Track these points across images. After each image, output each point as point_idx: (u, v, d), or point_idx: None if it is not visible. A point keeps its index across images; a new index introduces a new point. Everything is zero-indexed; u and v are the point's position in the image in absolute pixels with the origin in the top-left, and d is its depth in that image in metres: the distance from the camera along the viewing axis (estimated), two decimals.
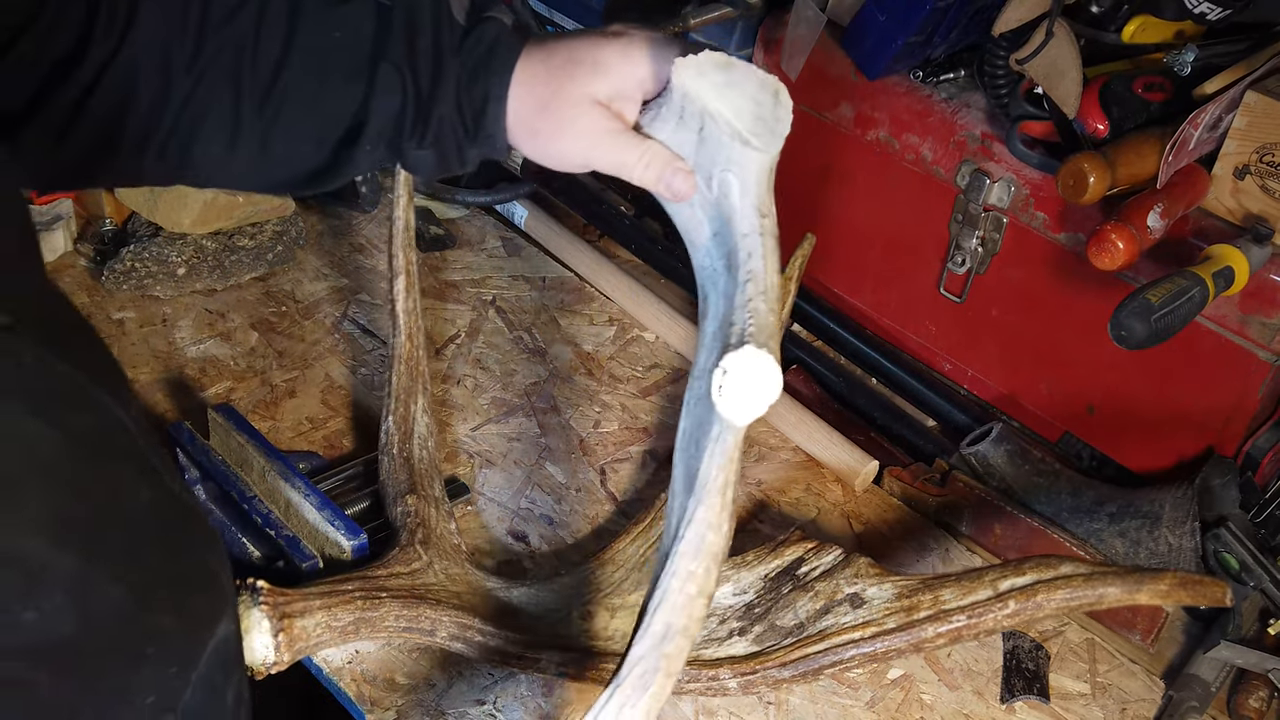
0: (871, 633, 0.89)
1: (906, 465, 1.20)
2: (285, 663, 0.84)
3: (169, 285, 1.29)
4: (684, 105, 0.67)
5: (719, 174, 0.67)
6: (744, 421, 0.57)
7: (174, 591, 0.51)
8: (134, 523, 0.50)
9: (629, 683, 0.55)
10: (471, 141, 0.75)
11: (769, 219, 0.65)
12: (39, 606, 0.44)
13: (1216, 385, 1.09)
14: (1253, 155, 1.02)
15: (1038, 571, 0.87)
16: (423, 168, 0.77)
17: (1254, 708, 0.99)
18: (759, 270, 0.63)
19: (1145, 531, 1.05)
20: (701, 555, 0.57)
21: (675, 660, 0.55)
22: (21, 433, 0.45)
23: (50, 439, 0.46)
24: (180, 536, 0.54)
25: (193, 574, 0.53)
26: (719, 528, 0.57)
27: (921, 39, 1.19)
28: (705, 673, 0.91)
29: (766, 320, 0.60)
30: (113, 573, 0.47)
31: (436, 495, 1.02)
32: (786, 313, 1.09)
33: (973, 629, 0.87)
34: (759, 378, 0.57)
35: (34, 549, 0.44)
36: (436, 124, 0.74)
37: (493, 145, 0.75)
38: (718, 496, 0.57)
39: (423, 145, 0.74)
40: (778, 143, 0.66)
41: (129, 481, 0.50)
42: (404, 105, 0.73)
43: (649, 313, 1.34)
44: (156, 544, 0.51)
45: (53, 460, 0.46)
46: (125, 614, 0.48)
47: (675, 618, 0.56)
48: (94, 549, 0.47)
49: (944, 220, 1.23)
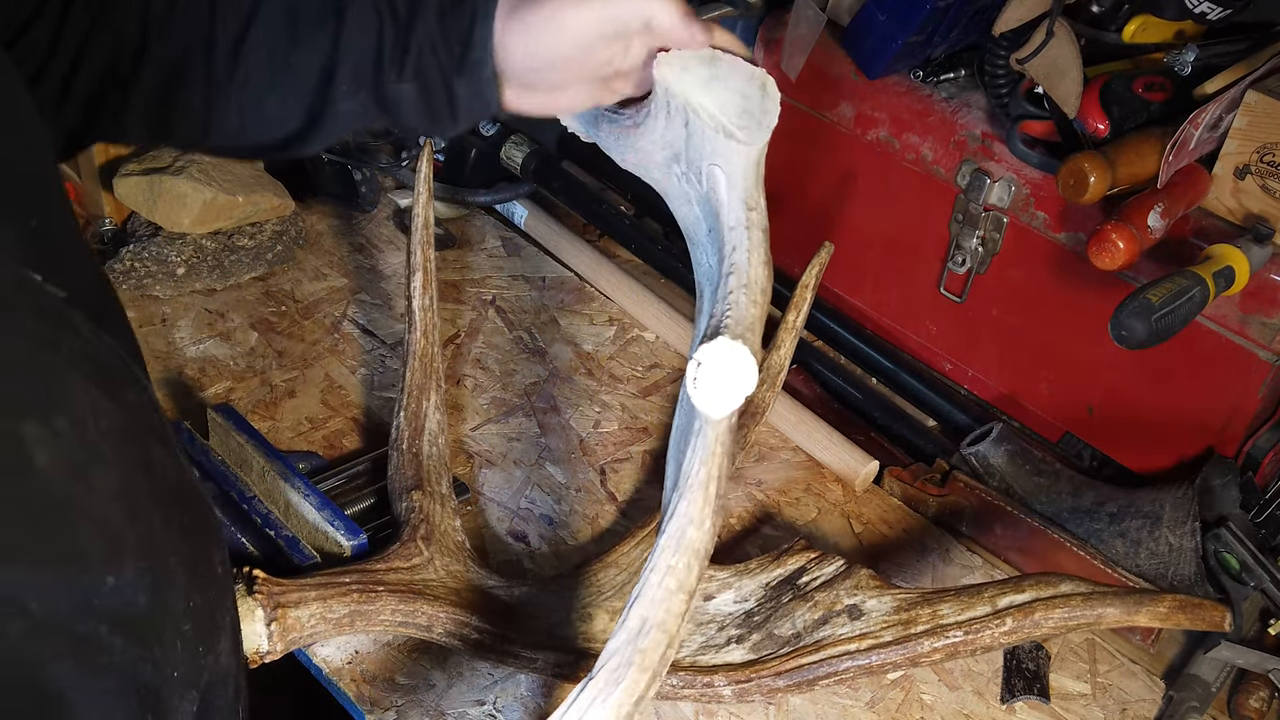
0: (867, 645, 0.89)
1: (907, 465, 1.20)
2: (278, 653, 0.84)
3: (168, 285, 1.29)
4: (669, 100, 0.67)
5: (706, 168, 0.66)
6: (719, 414, 0.56)
7: (199, 572, 0.52)
8: (172, 501, 0.51)
9: (601, 676, 0.53)
10: (458, 71, 0.71)
11: (756, 212, 0.64)
12: (119, 573, 0.45)
13: (1217, 385, 1.09)
14: (1253, 155, 1.02)
15: (1037, 589, 0.87)
16: (407, 110, 0.73)
17: (1254, 708, 0.99)
18: (742, 263, 0.62)
19: (1146, 532, 1.05)
20: (682, 550, 0.55)
21: (650, 655, 0.54)
22: (93, 403, 0.46)
23: (111, 411, 0.47)
24: (199, 519, 0.54)
25: (209, 557, 0.54)
26: (701, 523, 0.56)
27: (921, 39, 1.19)
28: (700, 679, 0.91)
29: (746, 312, 0.60)
30: (168, 547, 0.49)
31: (443, 492, 1.02)
32: (801, 320, 1.09)
33: (970, 645, 0.87)
34: (732, 369, 0.56)
35: (115, 517, 0.45)
36: (417, 52, 0.70)
37: (480, 76, 0.70)
38: (699, 491, 0.56)
39: (403, 76, 0.71)
40: (764, 135, 0.65)
41: (164, 460, 0.51)
42: (380, 36, 0.70)
43: (649, 313, 1.34)
44: (187, 524, 0.52)
45: (117, 432, 0.47)
46: (180, 589, 0.49)
47: (652, 612, 0.54)
48: (154, 523, 0.48)
49: (944, 220, 1.23)
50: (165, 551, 0.49)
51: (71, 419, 0.44)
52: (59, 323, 0.47)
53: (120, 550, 0.45)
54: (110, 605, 0.44)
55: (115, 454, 0.46)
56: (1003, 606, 0.87)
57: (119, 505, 0.46)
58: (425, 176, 1.05)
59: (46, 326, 0.46)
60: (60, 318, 0.48)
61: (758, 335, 0.61)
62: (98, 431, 0.45)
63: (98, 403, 0.46)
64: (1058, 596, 0.85)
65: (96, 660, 0.43)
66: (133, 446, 0.48)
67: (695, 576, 0.56)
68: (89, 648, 0.43)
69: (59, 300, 0.48)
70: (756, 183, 0.66)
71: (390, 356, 1.25)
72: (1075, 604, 0.85)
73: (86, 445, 0.45)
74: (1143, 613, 0.84)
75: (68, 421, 0.44)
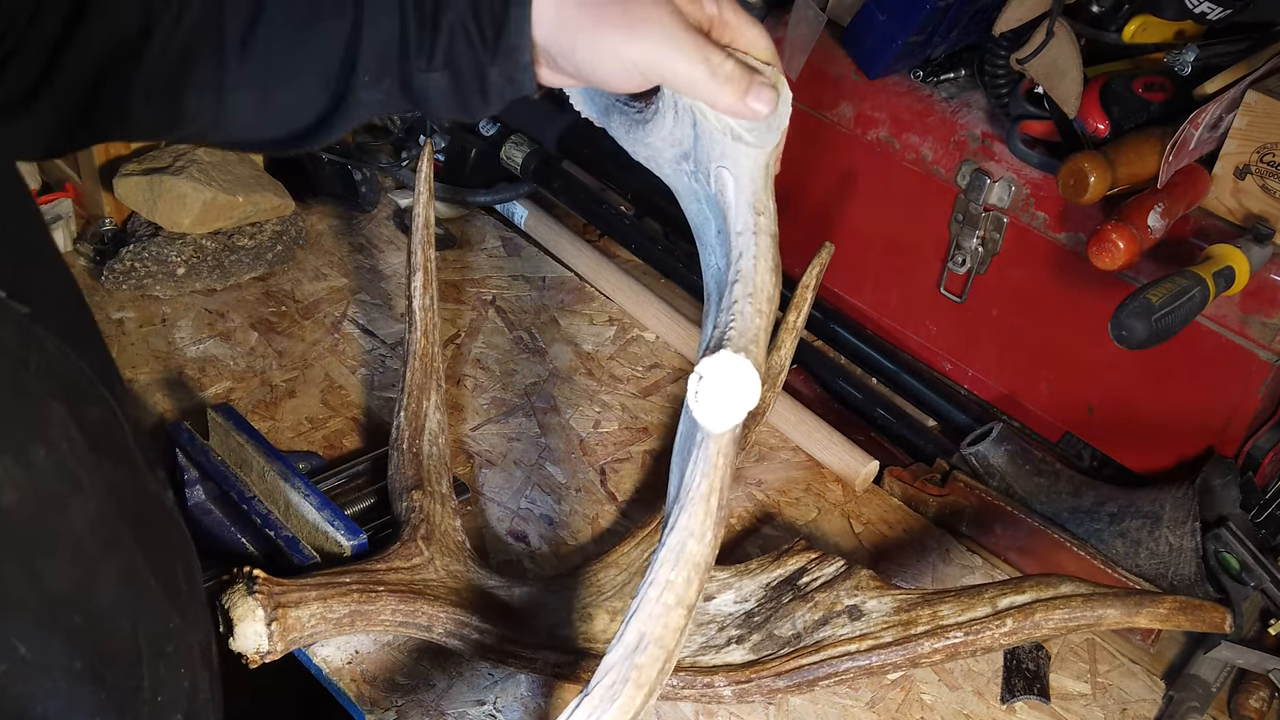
0: (867, 646, 0.89)
1: (907, 465, 1.20)
2: (279, 652, 0.84)
3: (168, 285, 1.29)
4: (676, 99, 0.66)
5: (715, 169, 0.65)
6: (720, 428, 0.55)
7: (178, 592, 0.51)
8: (143, 522, 0.50)
9: (597, 692, 0.52)
10: (491, 57, 0.64)
11: (765, 216, 0.63)
12: (101, 602, 0.44)
13: (1217, 385, 1.09)
14: (1253, 155, 1.02)
15: (1037, 590, 0.87)
16: (436, 100, 0.67)
17: (1254, 708, 0.99)
18: (748, 270, 0.61)
19: (1146, 532, 1.05)
20: (681, 564, 0.54)
21: (647, 671, 0.52)
22: (65, 425, 0.45)
23: (79, 433, 0.46)
24: (170, 537, 0.54)
25: (181, 575, 0.53)
26: (702, 537, 0.55)
27: (922, 39, 1.19)
28: (701, 679, 0.91)
29: (750, 323, 0.58)
30: (146, 570, 0.48)
31: (443, 492, 1.02)
32: (802, 320, 1.09)
33: (970, 646, 0.87)
34: (734, 383, 0.55)
35: (93, 545, 0.44)
36: (448, 35, 0.64)
37: (516, 62, 0.65)
38: (700, 504, 0.55)
39: (432, 65, 0.65)
40: (774, 137, 0.64)
41: (130, 479, 0.50)
42: (405, 17, 0.65)
43: (649, 313, 1.34)
44: (160, 544, 0.51)
45: (86, 454, 0.46)
46: (161, 611, 0.48)
47: (650, 627, 0.53)
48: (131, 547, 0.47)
49: (944, 220, 1.23)
50: (144, 575, 0.48)
51: (47, 447, 0.43)
52: (27, 338, 0.45)
53: (100, 579, 0.44)
54: (98, 637, 0.43)
55: (89, 478, 0.45)
56: (1003, 607, 0.87)
57: (96, 533, 0.45)
58: (425, 176, 1.05)
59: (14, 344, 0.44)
60: (28, 333, 0.45)
61: (762, 347, 0.59)
62: (72, 456, 0.44)
63: (69, 425, 0.45)
64: (1058, 597, 0.85)
65: (89, 694, 0.43)
66: (102, 467, 0.47)
67: (695, 591, 0.55)
68: (81, 682, 0.42)
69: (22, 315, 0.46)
70: (765, 186, 0.64)
71: (390, 356, 1.25)
72: (1076, 605, 0.85)
73: (63, 474, 0.44)
74: (1143, 614, 0.84)
75: (43, 451, 0.42)
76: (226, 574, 0.85)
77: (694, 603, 0.55)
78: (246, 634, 0.83)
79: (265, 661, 0.84)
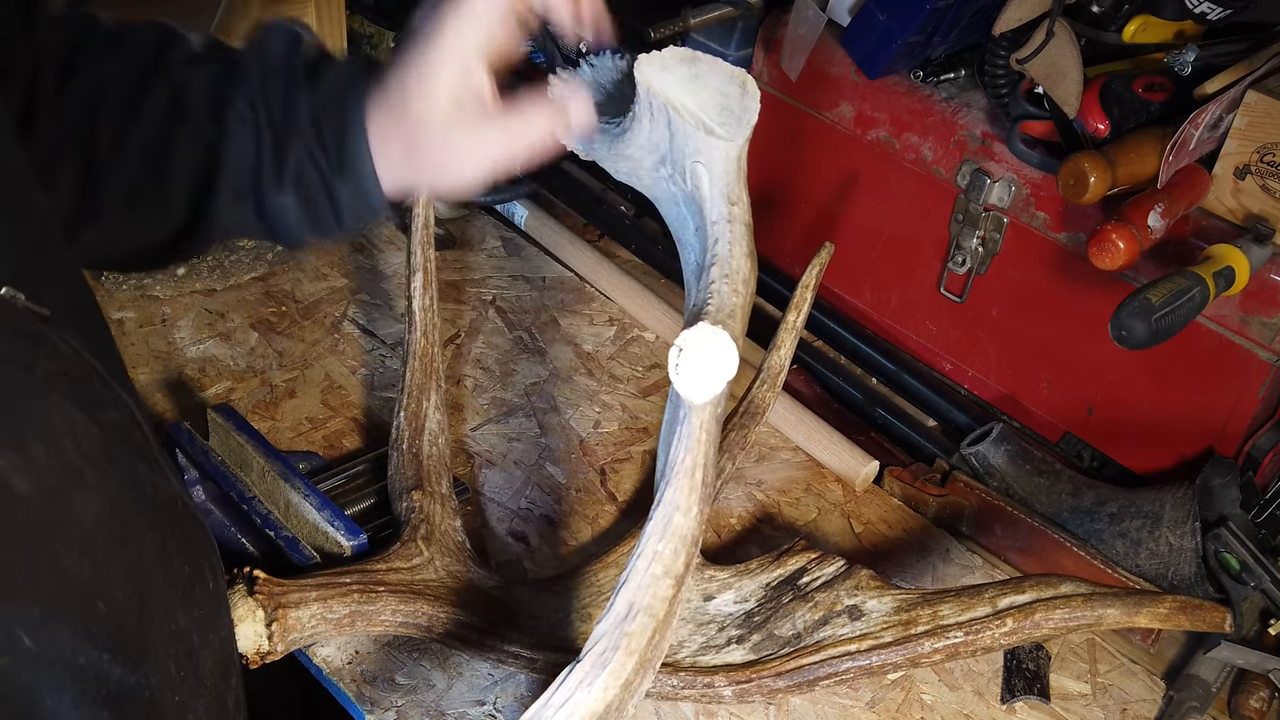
0: (868, 646, 0.89)
1: (907, 465, 1.20)
2: (279, 653, 0.84)
3: (168, 285, 1.29)
4: (651, 101, 0.68)
5: (689, 165, 0.67)
6: (701, 399, 0.56)
7: (193, 590, 0.52)
8: (159, 520, 0.50)
9: (588, 660, 0.53)
10: (337, 172, 0.69)
11: (738, 206, 0.65)
12: (109, 599, 0.44)
13: (1217, 385, 1.09)
14: (1253, 155, 1.02)
15: (1037, 590, 0.87)
16: (288, 220, 0.71)
17: (1254, 708, 0.99)
18: (724, 254, 0.63)
19: (1146, 532, 1.05)
20: (668, 536, 0.55)
21: (637, 638, 0.53)
22: (71, 425, 0.45)
23: (91, 433, 0.46)
24: (192, 538, 0.54)
25: (197, 576, 0.53)
26: (688, 510, 0.56)
27: (922, 39, 1.19)
28: (701, 680, 0.91)
29: (727, 300, 0.60)
30: (158, 568, 0.48)
31: (444, 492, 1.02)
32: (802, 320, 1.09)
33: (970, 646, 0.87)
34: (713, 354, 0.56)
35: (100, 540, 0.45)
36: (295, 159, 0.69)
37: (359, 176, 0.69)
38: (685, 478, 0.56)
39: (283, 185, 0.69)
40: (744, 131, 0.66)
41: (149, 479, 0.50)
42: (259, 141, 0.69)
43: (649, 313, 1.34)
44: (179, 541, 0.51)
45: (98, 453, 0.46)
46: (173, 609, 0.48)
47: (639, 597, 0.54)
48: (143, 544, 0.47)
49: (944, 220, 1.23)
50: (155, 572, 0.48)
51: (47, 444, 0.43)
52: (36, 344, 0.46)
53: (108, 574, 0.44)
54: (105, 632, 0.43)
55: (97, 476, 0.45)
56: (1003, 607, 0.87)
57: (104, 529, 0.45)
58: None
59: (21, 349, 0.45)
60: (38, 338, 0.46)
61: (740, 323, 0.61)
62: (78, 454, 0.45)
63: (77, 424, 0.45)
64: (1058, 597, 0.85)
65: (96, 690, 0.43)
66: (115, 467, 0.47)
67: (683, 563, 0.55)
68: (87, 678, 0.42)
69: (39, 320, 0.47)
70: (739, 178, 0.67)
71: (390, 356, 1.25)
72: (1076, 605, 0.85)
73: (67, 469, 0.44)
74: (1143, 614, 0.84)
75: (43, 447, 0.43)
76: (227, 574, 0.85)
77: (683, 575, 0.55)
78: (246, 634, 0.83)
79: (265, 662, 0.84)
